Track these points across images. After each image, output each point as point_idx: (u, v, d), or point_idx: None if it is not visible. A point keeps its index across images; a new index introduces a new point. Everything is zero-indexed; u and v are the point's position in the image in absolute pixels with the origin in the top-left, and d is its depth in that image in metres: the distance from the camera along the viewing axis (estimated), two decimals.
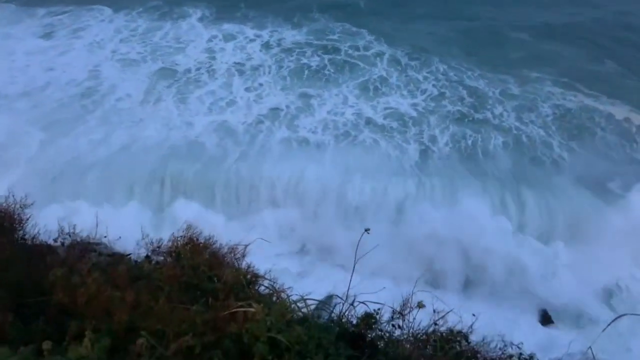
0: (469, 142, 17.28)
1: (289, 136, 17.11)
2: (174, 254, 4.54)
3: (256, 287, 4.58)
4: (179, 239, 4.57)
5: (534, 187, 15.50)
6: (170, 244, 4.64)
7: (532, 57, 22.86)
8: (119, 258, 4.68)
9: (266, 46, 22.93)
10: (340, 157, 16.30)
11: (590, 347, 4.64)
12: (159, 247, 4.69)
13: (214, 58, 21.73)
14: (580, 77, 21.27)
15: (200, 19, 25.65)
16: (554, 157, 16.91)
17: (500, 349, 4.50)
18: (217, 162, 15.91)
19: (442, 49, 23.07)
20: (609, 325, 4.80)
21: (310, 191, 15.11)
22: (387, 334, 4.29)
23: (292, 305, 4.18)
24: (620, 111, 19.35)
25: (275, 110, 18.41)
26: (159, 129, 16.96)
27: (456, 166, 16.36)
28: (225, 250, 4.83)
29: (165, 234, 4.70)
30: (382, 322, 4.31)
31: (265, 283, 4.70)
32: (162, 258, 4.66)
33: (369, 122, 17.97)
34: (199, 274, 4.17)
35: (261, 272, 4.84)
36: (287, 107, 18.57)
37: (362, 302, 4.40)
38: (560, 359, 4.64)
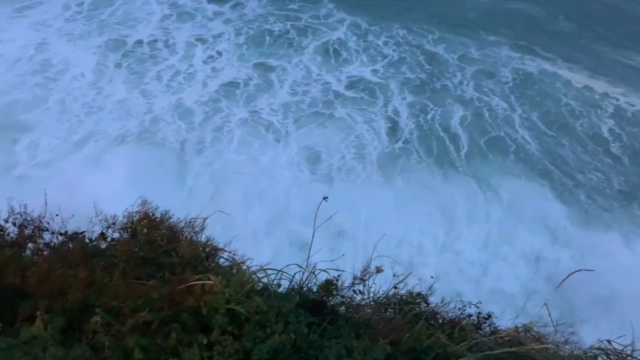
0: (429, 116, 17.29)
1: (248, 118, 16.74)
2: (129, 230, 4.43)
3: (215, 260, 4.53)
4: (133, 214, 4.46)
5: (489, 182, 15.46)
6: (125, 220, 4.53)
7: (490, 17, 23.13)
8: (72, 236, 4.53)
9: (227, 17, 22.39)
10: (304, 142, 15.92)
11: (545, 303, 4.78)
12: (114, 223, 4.56)
13: (169, 33, 21.09)
14: (537, 39, 21.56)
15: None
16: (518, 140, 16.91)
17: (459, 309, 4.60)
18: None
19: (403, 14, 23.03)
20: (563, 281, 4.92)
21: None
22: (348, 300, 4.33)
23: (252, 276, 4.15)
24: (578, 77, 19.70)
25: (231, 84, 18.00)
26: (116, 117, 16.41)
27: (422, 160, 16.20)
28: (183, 224, 4.75)
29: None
30: (343, 288, 4.33)
31: (225, 255, 4.65)
32: (117, 235, 4.54)
33: (337, 95, 17.80)
34: (155, 248, 4.09)
35: (221, 245, 4.79)
36: (246, 83, 18.18)
37: (323, 270, 4.40)
38: (517, 317, 4.78)
